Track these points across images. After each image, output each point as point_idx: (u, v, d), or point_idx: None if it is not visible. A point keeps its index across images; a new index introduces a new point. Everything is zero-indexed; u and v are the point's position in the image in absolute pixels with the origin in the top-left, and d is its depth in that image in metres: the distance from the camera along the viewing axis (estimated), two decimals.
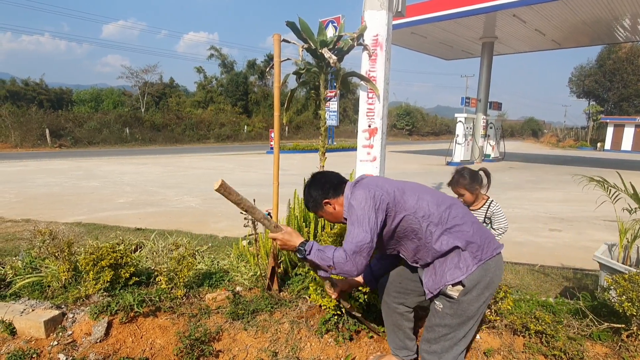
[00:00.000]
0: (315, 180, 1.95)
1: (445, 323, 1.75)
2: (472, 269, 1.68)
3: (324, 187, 1.90)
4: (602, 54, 41.67)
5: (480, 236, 1.74)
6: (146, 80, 35.40)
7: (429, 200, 1.76)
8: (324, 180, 1.92)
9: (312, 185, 1.94)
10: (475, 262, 1.69)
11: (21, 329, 2.42)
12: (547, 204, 8.08)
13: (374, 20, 2.86)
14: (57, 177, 10.97)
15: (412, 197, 1.77)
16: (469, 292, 1.69)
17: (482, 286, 1.71)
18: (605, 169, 14.42)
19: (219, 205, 7.33)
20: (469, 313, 1.73)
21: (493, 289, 1.76)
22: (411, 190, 1.81)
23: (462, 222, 1.74)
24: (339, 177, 1.96)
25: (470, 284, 1.69)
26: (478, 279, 1.69)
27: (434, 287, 1.74)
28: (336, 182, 1.91)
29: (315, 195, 1.91)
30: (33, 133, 23.64)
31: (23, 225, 5.53)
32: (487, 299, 1.75)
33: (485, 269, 1.70)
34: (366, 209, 1.69)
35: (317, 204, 1.92)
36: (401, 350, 2.14)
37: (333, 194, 1.88)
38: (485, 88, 18.08)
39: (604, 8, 12.80)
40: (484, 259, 1.70)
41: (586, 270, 4.07)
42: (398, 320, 2.10)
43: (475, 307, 1.72)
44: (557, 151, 31.57)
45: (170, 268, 2.77)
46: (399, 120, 49.22)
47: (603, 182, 2.92)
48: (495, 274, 1.74)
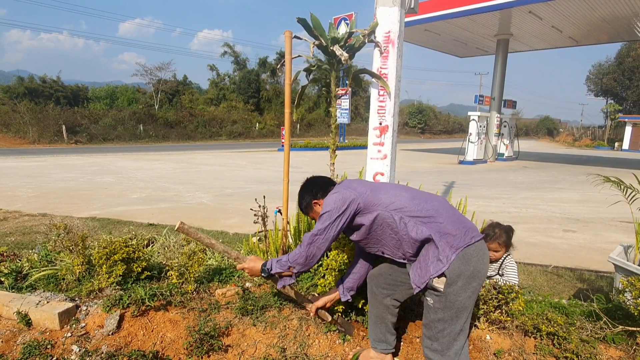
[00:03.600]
0: (307, 183, 2.14)
1: (439, 317, 1.78)
2: (452, 258, 1.71)
3: (313, 189, 2.09)
4: (622, 52, 40.68)
5: (456, 226, 1.78)
6: (160, 78, 35.82)
7: (402, 195, 1.89)
8: (315, 183, 2.12)
9: (303, 188, 2.13)
10: (453, 251, 1.72)
11: (36, 320, 2.48)
12: (562, 205, 7.93)
13: (386, 17, 2.83)
14: (72, 173, 11.19)
15: (384, 194, 1.90)
16: (453, 283, 1.72)
17: (467, 276, 1.73)
18: (623, 169, 14.09)
19: (230, 202, 7.39)
20: (458, 304, 1.75)
21: (480, 279, 1.78)
22: (385, 189, 1.95)
23: (436, 214, 1.81)
24: (329, 180, 2.13)
25: (452, 275, 1.71)
26: (460, 269, 1.71)
27: (420, 282, 1.79)
28: (325, 184, 2.09)
29: (306, 197, 2.10)
30: (50, 129, 24.15)
31: (39, 219, 5.66)
32: (475, 289, 1.77)
33: (465, 258, 1.72)
34: (333, 207, 1.87)
35: (308, 205, 2.11)
36: (380, 343, 2.16)
37: (321, 195, 2.06)
38: (499, 86, 17.82)
39: (623, 4, 12.48)
40: (461, 246, 1.72)
41: (601, 272, 3.99)
42: (383, 312, 2.14)
43: (463, 297, 1.74)
44: (573, 150, 30.96)
45: (181, 263, 2.80)
46: (411, 118, 48.84)
47: (619, 182, 2.86)
48: (479, 263, 1.75)
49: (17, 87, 29.33)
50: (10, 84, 30.43)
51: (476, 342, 2.28)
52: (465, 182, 10.84)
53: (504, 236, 2.65)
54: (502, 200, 8.27)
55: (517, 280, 2.67)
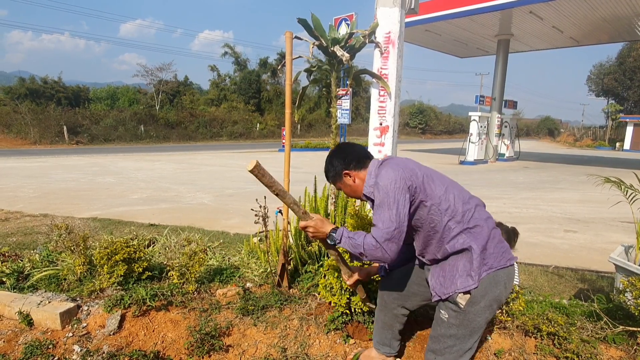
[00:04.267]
0: (339, 150, 1.87)
1: (451, 334, 1.68)
2: (483, 275, 1.61)
3: (346, 157, 1.81)
4: (623, 52, 40.63)
5: (496, 244, 1.67)
6: (161, 78, 35.85)
7: (455, 195, 1.68)
8: (349, 151, 1.84)
9: (335, 154, 1.86)
10: (486, 270, 1.62)
11: (38, 320, 2.48)
12: (563, 205, 7.93)
13: (386, 17, 2.84)
14: (73, 173, 11.21)
15: (440, 187, 1.67)
16: (477, 302, 1.62)
17: (491, 299, 1.64)
18: (624, 170, 14.07)
19: (230, 202, 7.40)
20: (475, 325, 1.66)
21: (501, 303, 1.70)
22: (440, 180, 1.71)
23: (483, 225, 1.66)
24: (365, 151, 1.87)
25: (478, 294, 1.62)
26: (487, 290, 1.62)
27: (442, 292, 1.67)
28: (361, 155, 1.82)
29: (337, 165, 1.83)
30: (51, 130, 24.20)
31: (41, 220, 5.67)
32: (493, 312, 1.68)
33: (495, 279, 1.63)
34: (396, 192, 1.60)
35: (337, 174, 1.84)
36: (384, 346, 2.12)
37: (355, 166, 1.80)
38: (500, 86, 17.82)
39: (624, 4, 12.47)
40: (495, 267, 1.63)
41: (602, 273, 3.98)
42: (391, 321, 2.07)
43: (482, 318, 1.65)
44: (574, 151, 30.93)
45: (182, 263, 2.80)
46: (412, 118, 48.83)
47: (619, 182, 2.86)
48: (506, 287, 1.66)
49: (19, 88, 29.39)
50: (11, 85, 30.48)
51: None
52: (466, 182, 10.84)
53: (504, 236, 2.63)
54: (503, 200, 8.26)
55: (518, 281, 2.66)
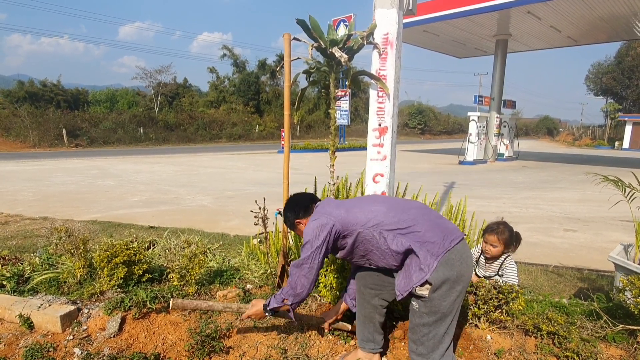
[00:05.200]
0: (289, 202, 2.18)
1: (424, 322, 1.81)
2: (434, 265, 1.74)
3: (295, 208, 2.12)
4: (621, 51, 40.68)
5: (435, 232, 1.80)
6: (160, 81, 35.84)
7: (378, 210, 1.90)
8: (296, 202, 2.14)
9: (287, 207, 2.17)
10: (435, 259, 1.74)
11: (38, 323, 2.48)
12: (563, 204, 7.94)
13: (385, 18, 2.84)
14: (73, 176, 11.21)
15: (360, 212, 1.91)
16: (438, 288, 1.75)
17: (451, 281, 1.75)
18: (624, 169, 14.09)
19: (230, 204, 7.40)
20: (443, 309, 1.77)
21: (465, 282, 1.81)
22: (360, 205, 1.96)
23: (413, 224, 1.83)
24: (310, 197, 2.16)
25: (437, 281, 1.74)
26: (444, 275, 1.74)
27: (403, 290, 1.82)
28: (307, 203, 2.10)
29: (289, 216, 2.13)
30: (50, 133, 24.19)
31: (41, 223, 5.67)
32: (460, 293, 1.80)
33: (448, 263, 1.75)
34: (314, 236, 1.88)
35: (292, 224, 2.15)
36: (368, 342, 2.18)
37: (303, 214, 2.09)
38: (498, 86, 17.83)
39: (622, 4, 12.50)
40: (441, 253, 1.75)
41: (602, 272, 3.99)
42: (371, 312, 2.16)
43: (448, 302, 1.77)
44: (573, 150, 30.96)
45: (182, 265, 2.81)
46: (411, 119, 48.84)
47: (618, 181, 2.86)
48: (462, 265, 1.78)
49: (18, 91, 29.37)
50: (10, 88, 30.45)
51: (477, 341, 2.29)
52: (466, 182, 10.84)
53: (506, 233, 2.61)
54: (503, 200, 8.27)
55: (517, 281, 2.65)
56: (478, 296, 2.39)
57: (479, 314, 2.37)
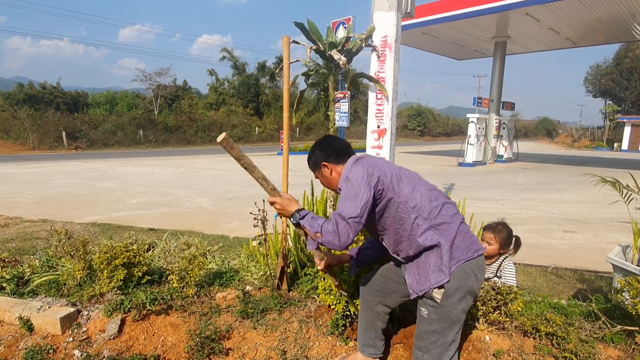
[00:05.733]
0: (323, 141, 1.97)
1: (433, 329, 1.76)
2: (453, 268, 1.69)
3: (328, 150, 1.91)
4: (619, 52, 40.76)
5: (464, 238, 1.75)
6: (160, 83, 35.86)
7: (422, 193, 1.76)
8: (331, 144, 1.93)
9: (319, 144, 1.96)
10: (455, 263, 1.70)
11: (38, 325, 2.49)
12: (562, 205, 7.95)
13: (383, 21, 2.86)
14: (73, 178, 11.21)
15: (407, 186, 1.76)
16: (451, 295, 1.70)
17: (464, 291, 1.72)
18: (622, 170, 14.11)
19: (230, 206, 7.40)
20: (453, 317, 1.74)
21: (475, 295, 1.78)
22: (408, 179, 1.80)
23: (450, 221, 1.74)
24: (347, 146, 1.95)
25: (451, 288, 1.69)
26: (460, 283, 1.70)
27: (418, 289, 1.76)
28: (342, 150, 1.91)
29: (317, 155, 1.93)
30: (50, 135, 24.21)
31: (40, 225, 5.67)
32: (469, 303, 1.77)
33: (466, 272, 1.71)
34: (361, 186, 1.68)
35: (316, 164, 1.94)
36: (369, 347, 2.17)
37: (334, 159, 1.90)
38: (497, 88, 17.86)
39: (620, 5, 12.54)
40: (463, 259, 1.71)
41: (600, 273, 4.00)
42: (373, 319, 2.12)
43: (459, 310, 1.73)
44: (572, 151, 30.99)
45: (181, 267, 2.81)
46: (410, 120, 48.89)
47: (615, 182, 2.88)
48: (477, 278, 1.74)
49: (17, 94, 29.39)
50: (10, 91, 30.48)
51: (475, 342, 2.29)
52: (465, 184, 10.85)
53: (504, 233, 2.64)
54: (502, 201, 8.28)
55: (515, 283, 2.66)
56: (476, 298, 2.39)
57: (477, 315, 2.37)
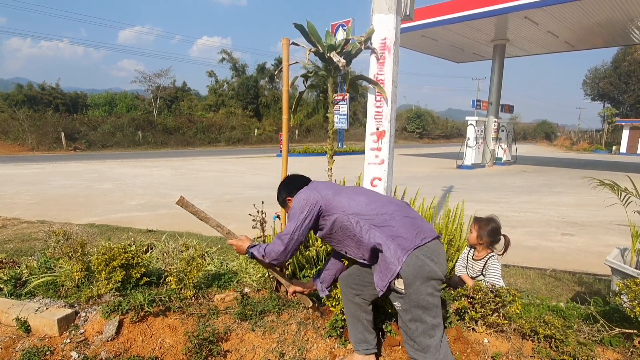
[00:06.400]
0: (285, 181, 2.31)
1: (409, 318, 1.86)
2: (403, 259, 1.79)
3: (289, 187, 2.23)
4: (618, 56, 40.92)
5: (408, 229, 1.86)
6: (159, 84, 35.90)
7: (360, 200, 1.99)
8: (291, 181, 2.26)
9: (282, 185, 2.30)
10: (404, 253, 1.80)
11: (35, 326, 2.48)
12: (560, 208, 7.96)
13: (382, 23, 2.87)
14: (71, 180, 11.19)
15: (345, 198, 2.01)
16: (411, 283, 1.79)
17: (423, 277, 1.79)
18: (620, 173, 14.14)
19: (229, 208, 7.40)
20: (422, 302, 1.81)
21: (438, 278, 1.83)
22: (346, 193, 2.06)
23: (390, 219, 1.90)
24: (306, 180, 2.25)
25: (408, 275, 1.79)
26: (414, 269, 1.79)
27: (382, 285, 1.88)
28: (300, 183, 2.20)
29: (283, 193, 2.25)
30: (49, 136, 24.19)
31: (38, 226, 5.66)
32: (435, 287, 1.83)
33: (418, 258, 1.79)
34: (298, 208, 2.00)
35: (283, 200, 2.27)
36: (361, 343, 2.22)
37: (296, 193, 2.15)
38: (496, 91, 17.91)
39: (619, 9, 12.59)
40: (410, 247, 1.80)
41: (599, 275, 4.00)
42: (356, 310, 2.21)
43: (425, 295, 1.80)
44: (570, 154, 31.06)
45: (180, 269, 2.81)
46: (410, 123, 48.97)
47: (614, 185, 2.88)
48: (434, 262, 1.82)
49: (16, 95, 29.38)
50: (9, 92, 30.47)
51: (474, 345, 2.29)
52: (464, 186, 10.86)
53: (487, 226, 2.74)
54: (501, 204, 8.29)
55: (499, 281, 2.69)
56: (475, 300, 2.40)
57: (476, 318, 2.38)
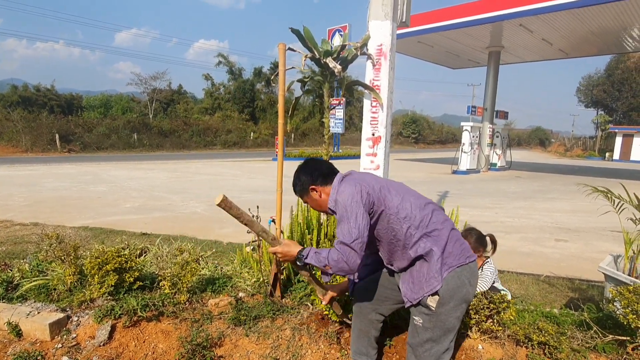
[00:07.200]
0: (306, 165, 1.96)
1: (428, 337, 1.74)
2: (445, 275, 1.68)
3: (313, 173, 1.90)
4: (611, 64, 41.45)
5: (456, 245, 1.75)
6: (155, 87, 35.87)
7: (412, 202, 1.77)
8: (315, 166, 1.93)
9: (302, 169, 1.95)
10: (447, 269, 1.69)
11: (27, 331, 2.45)
12: (554, 214, 8.01)
13: (378, 30, 2.89)
14: (65, 182, 11.11)
15: (396, 197, 1.77)
16: (446, 303, 1.69)
17: (459, 298, 1.71)
18: (614, 180, 14.27)
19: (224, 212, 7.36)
20: (448, 324, 1.73)
21: (469, 302, 1.78)
22: (396, 190, 1.81)
23: (441, 228, 1.75)
24: (331, 166, 1.95)
25: (445, 294, 1.69)
26: (453, 290, 1.69)
27: (413, 297, 1.75)
28: (326, 171, 1.91)
29: (304, 180, 1.91)
30: (43, 138, 24.02)
31: (31, 229, 5.60)
32: (464, 310, 1.77)
33: (460, 278, 1.70)
34: (354, 206, 1.69)
35: (304, 188, 1.93)
36: (361, 356, 2.15)
37: (321, 181, 1.89)
38: (491, 97, 18.05)
39: (612, 18, 12.76)
40: (455, 265, 1.70)
41: (592, 281, 4.02)
42: (367, 327, 2.11)
43: (453, 318, 1.73)
44: (564, 160, 31.31)
45: (174, 273, 2.79)
46: (405, 128, 49.20)
47: (607, 192, 2.91)
48: (470, 284, 1.74)
49: (11, 96, 29.20)
50: (3, 92, 30.27)
51: (468, 351, 2.29)
52: (459, 191, 10.91)
53: (472, 237, 2.76)
54: (495, 210, 8.33)
55: (485, 288, 2.71)
56: (469, 305, 2.40)
57: (470, 324, 2.38)
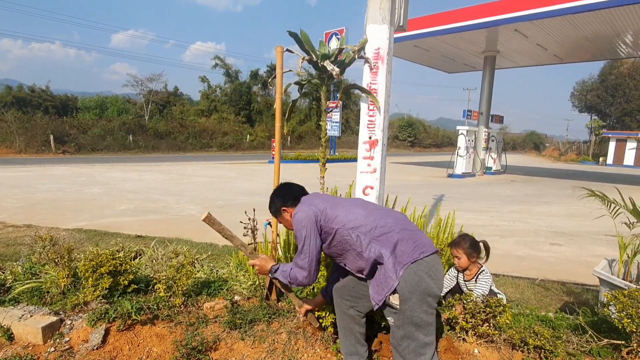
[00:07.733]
0: (280, 189, 2.20)
1: (401, 335, 1.82)
2: (400, 273, 1.76)
3: (285, 195, 2.13)
4: (604, 69, 41.86)
5: (407, 243, 1.82)
6: (151, 89, 35.74)
7: (358, 213, 1.95)
8: (287, 190, 2.17)
9: (276, 192, 2.19)
10: (401, 267, 1.77)
11: (19, 334, 2.42)
12: (549, 218, 8.05)
13: (376, 33, 2.90)
14: (60, 183, 11.02)
15: (342, 211, 1.96)
16: (407, 299, 1.76)
17: (420, 293, 1.76)
18: (607, 184, 14.38)
19: (220, 214, 7.32)
20: (416, 320, 1.78)
21: (435, 296, 1.81)
22: (343, 205, 2.00)
23: (389, 231, 1.86)
24: (302, 190, 2.18)
25: (404, 291, 1.76)
26: (412, 285, 1.75)
27: (378, 299, 1.84)
28: (297, 194, 2.12)
29: (276, 202, 2.15)
30: (37, 139, 23.83)
31: (24, 231, 5.54)
32: (430, 304, 1.80)
33: (416, 274, 1.76)
34: (301, 228, 1.94)
35: (277, 210, 2.16)
36: (352, 355, 2.20)
37: (291, 203, 2.10)
38: (487, 101, 18.16)
39: (606, 24, 12.90)
40: (408, 262, 1.77)
41: (587, 285, 4.04)
42: (349, 323, 2.19)
43: (420, 312, 1.77)
44: (559, 165, 31.52)
45: (169, 276, 2.77)
46: (401, 131, 49.34)
47: (603, 196, 2.92)
48: (431, 277, 1.78)
49: (5, 96, 29.02)
50: None
51: (464, 355, 2.29)
52: (455, 195, 10.94)
53: (466, 243, 2.73)
54: (491, 213, 8.36)
55: (482, 291, 2.71)
56: (466, 310, 2.40)
57: (466, 328, 2.38)
